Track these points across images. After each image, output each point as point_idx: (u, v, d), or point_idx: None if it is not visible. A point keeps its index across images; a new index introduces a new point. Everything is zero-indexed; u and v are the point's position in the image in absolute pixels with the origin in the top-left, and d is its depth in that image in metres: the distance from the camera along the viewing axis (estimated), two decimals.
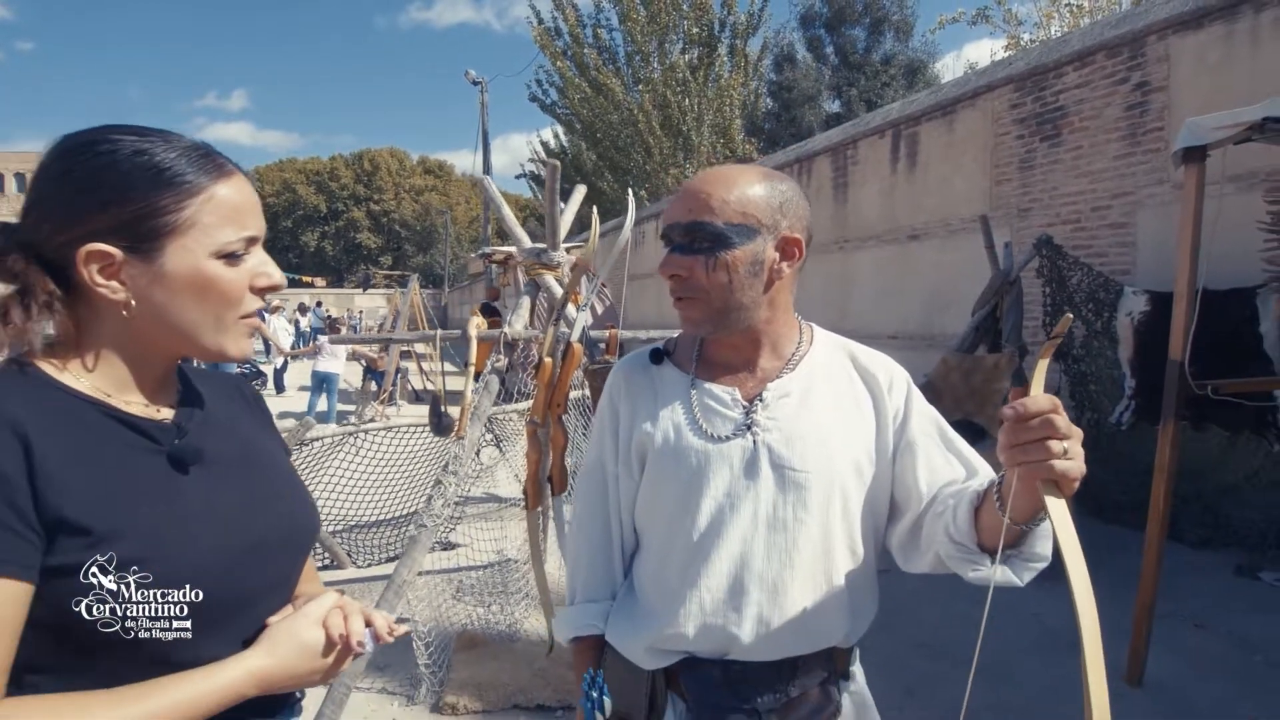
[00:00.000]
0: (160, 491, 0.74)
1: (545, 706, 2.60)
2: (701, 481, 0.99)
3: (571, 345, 2.51)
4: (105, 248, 0.71)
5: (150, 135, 0.75)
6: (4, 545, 0.63)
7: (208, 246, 0.74)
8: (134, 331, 0.75)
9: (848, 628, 1.02)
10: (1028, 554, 0.90)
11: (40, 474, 0.66)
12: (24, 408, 0.68)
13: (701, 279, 0.97)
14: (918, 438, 1.03)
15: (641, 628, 1.03)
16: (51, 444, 0.67)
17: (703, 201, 0.97)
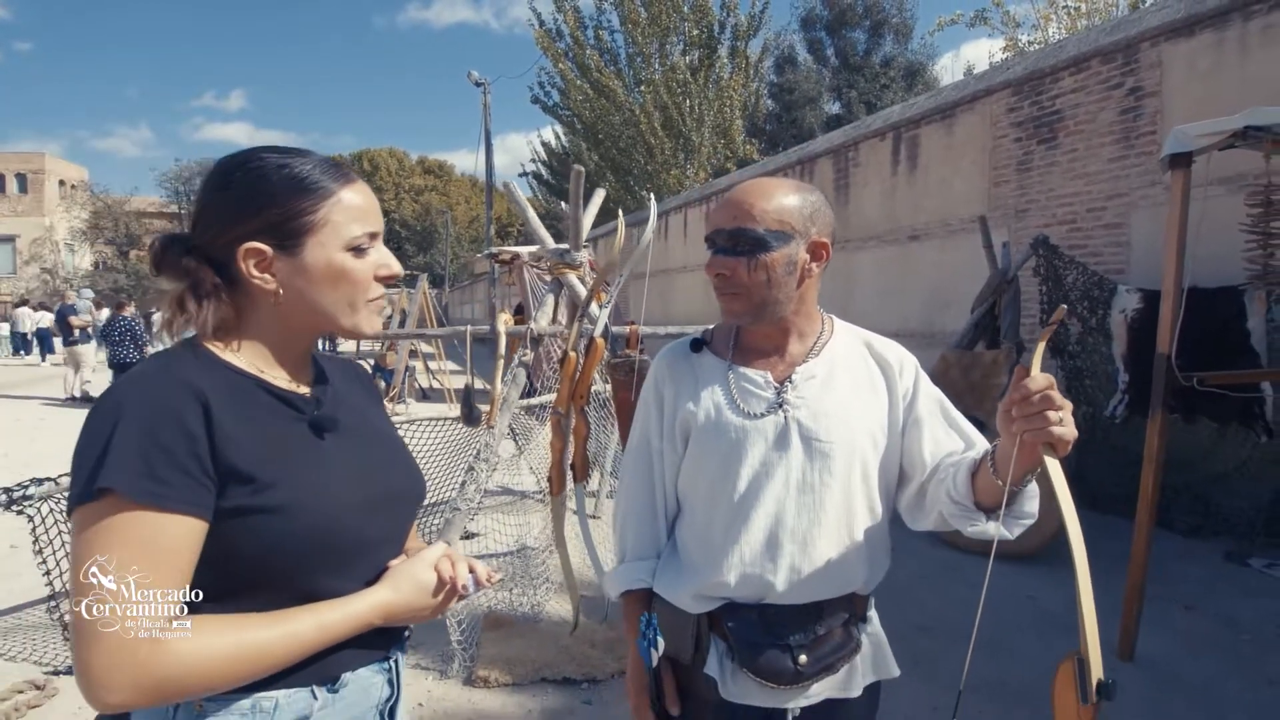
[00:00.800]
0: (306, 452, 0.88)
1: (571, 679, 2.77)
2: (740, 453, 1.16)
3: (594, 340, 2.68)
4: (259, 245, 0.86)
5: (290, 152, 0.90)
6: (192, 491, 0.77)
7: (339, 241, 0.88)
8: (282, 316, 0.90)
9: (866, 575, 1.18)
10: (1018, 512, 1.07)
11: (218, 433, 0.79)
12: (203, 377, 0.82)
13: (743, 277, 1.14)
14: (924, 415, 1.20)
15: (687, 579, 1.19)
16: (224, 409, 0.81)
17: (745, 210, 1.13)
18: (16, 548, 4.26)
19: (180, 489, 0.76)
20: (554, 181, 21.94)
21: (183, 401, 0.79)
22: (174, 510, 0.75)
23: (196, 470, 0.77)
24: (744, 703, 1.16)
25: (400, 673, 0.99)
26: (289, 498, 0.82)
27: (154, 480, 0.74)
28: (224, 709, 0.81)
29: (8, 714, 2.50)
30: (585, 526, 2.96)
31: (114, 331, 10.03)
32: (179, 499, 0.76)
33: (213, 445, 0.79)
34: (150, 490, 0.74)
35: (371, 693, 0.93)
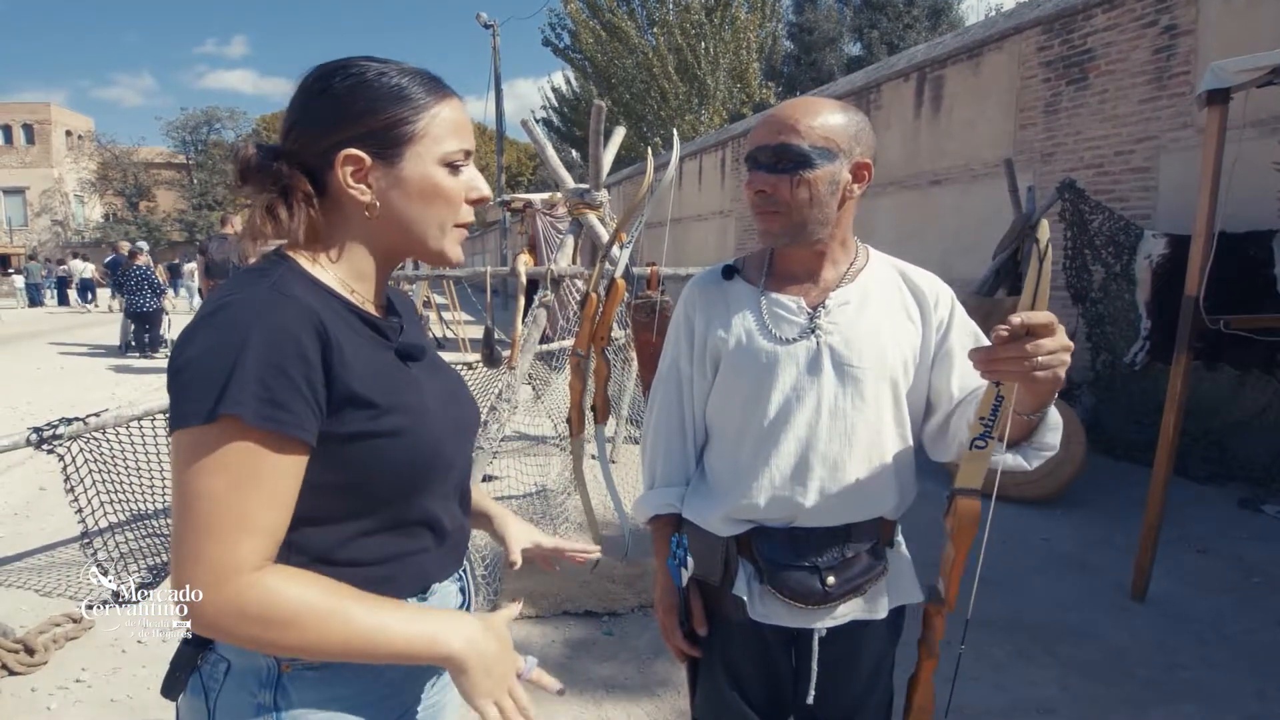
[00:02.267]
0: (405, 378, 0.87)
1: (592, 613, 2.84)
2: (771, 377, 1.16)
3: (615, 281, 2.66)
4: (358, 152, 0.82)
5: (388, 62, 0.87)
6: (305, 416, 0.75)
7: (436, 154, 0.85)
8: (373, 231, 0.86)
9: (895, 500, 1.19)
10: (1038, 443, 1.07)
11: (336, 358, 0.77)
12: (312, 301, 0.79)
13: (785, 195, 1.12)
14: (955, 347, 1.19)
15: (717, 502, 1.21)
16: (338, 334, 0.79)
17: (790, 125, 1.11)
18: (45, 489, 4.38)
19: (299, 415, 0.74)
20: (565, 129, 21.58)
21: (303, 328, 0.76)
22: (293, 436, 0.74)
23: (313, 399, 0.76)
24: (771, 623, 1.19)
25: (469, 580, 1.02)
26: (402, 423, 0.82)
27: (276, 407, 0.72)
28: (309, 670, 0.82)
29: (46, 645, 2.60)
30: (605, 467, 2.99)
31: (130, 280, 10.10)
32: (297, 425, 0.74)
33: (329, 372, 0.77)
34: (272, 417, 0.72)
35: (449, 601, 0.94)
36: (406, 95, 0.84)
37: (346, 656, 0.76)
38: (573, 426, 2.72)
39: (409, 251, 0.91)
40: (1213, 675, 2.55)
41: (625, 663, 2.56)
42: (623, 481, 4.10)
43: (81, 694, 2.44)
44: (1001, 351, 0.89)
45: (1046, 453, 1.09)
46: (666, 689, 2.43)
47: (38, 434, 2.70)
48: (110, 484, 3.03)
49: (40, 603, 3.01)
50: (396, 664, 0.84)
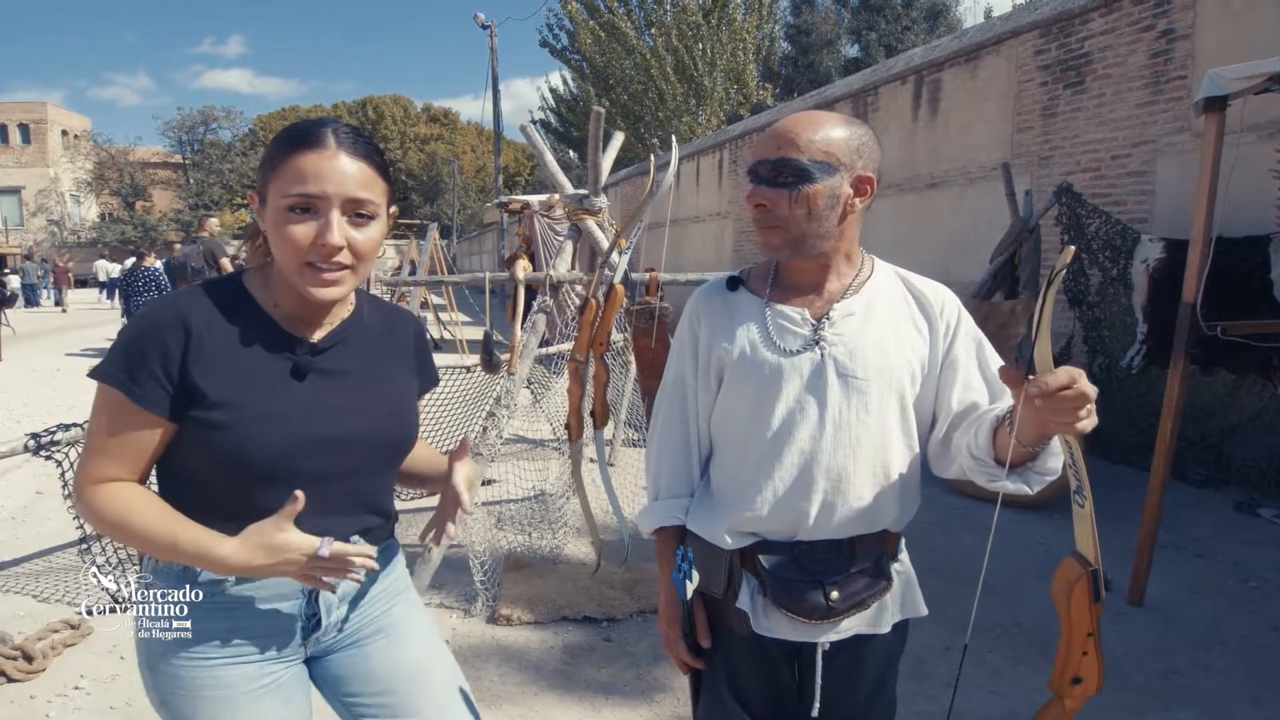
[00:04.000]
0: (276, 386, 1.02)
1: (591, 618, 2.84)
2: (775, 389, 1.16)
3: (614, 287, 2.66)
4: (252, 192, 1.04)
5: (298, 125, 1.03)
6: (152, 389, 0.97)
7: (280, 198, 0.98)
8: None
9: (898, 513, 1.19)
10: (1040, 468, 1.06)
11: (192, 353, 0.97)
12: (202, 309, 1.00)
13: (784, 210, 1.12)
14: (960, 355, 1.19)
15: (721, 515, 1.21)
16: (212, 335, 0.98)
17: (790, 140, 1.11)
18: (43, 493, 4.36)
19: (144, 388, 0.96)
20: (563, 129, 21.56)
21: (167, 324, 0.97)
22: (137, 403, 0.96)
23: (162, 378, 0.96)
24: (775, 636, 1.18)
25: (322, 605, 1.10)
26: (236, 419, 0.98)
27: (129, 378, 0.96)
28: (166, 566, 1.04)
29: (44, 652, 2.59)
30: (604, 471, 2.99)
31: (137, 281, 10.12)
32: (139, 396, 0.96)
33: (184, 362, 0.97)
34: (122, 383, 0.96)
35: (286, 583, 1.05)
36: (273, 150, 1.00)
37: (153, 552, 1.01)
38: (571, 432, 2.72)
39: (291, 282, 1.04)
40: (1209, 681, 2.56)
41: (624, 668, 2.56)
42: (621, 485, 4.10)
43: (80, 701, 2.43)
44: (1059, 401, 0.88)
45: (1049, 477, 1.08)
46: (665, 695, 2.43)
47: (35, 440, 2.69)
48: None
49: (38, 608, 3.00)
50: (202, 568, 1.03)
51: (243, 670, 1.05)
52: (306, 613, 1.09)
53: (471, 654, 2.64)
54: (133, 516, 0.97)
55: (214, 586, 1.03)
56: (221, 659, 1.03)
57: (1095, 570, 1.01)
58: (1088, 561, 1.02)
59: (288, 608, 1.07)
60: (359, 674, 1.16)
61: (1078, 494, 1.02)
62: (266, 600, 1.06)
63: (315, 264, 0.98)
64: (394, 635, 1.19)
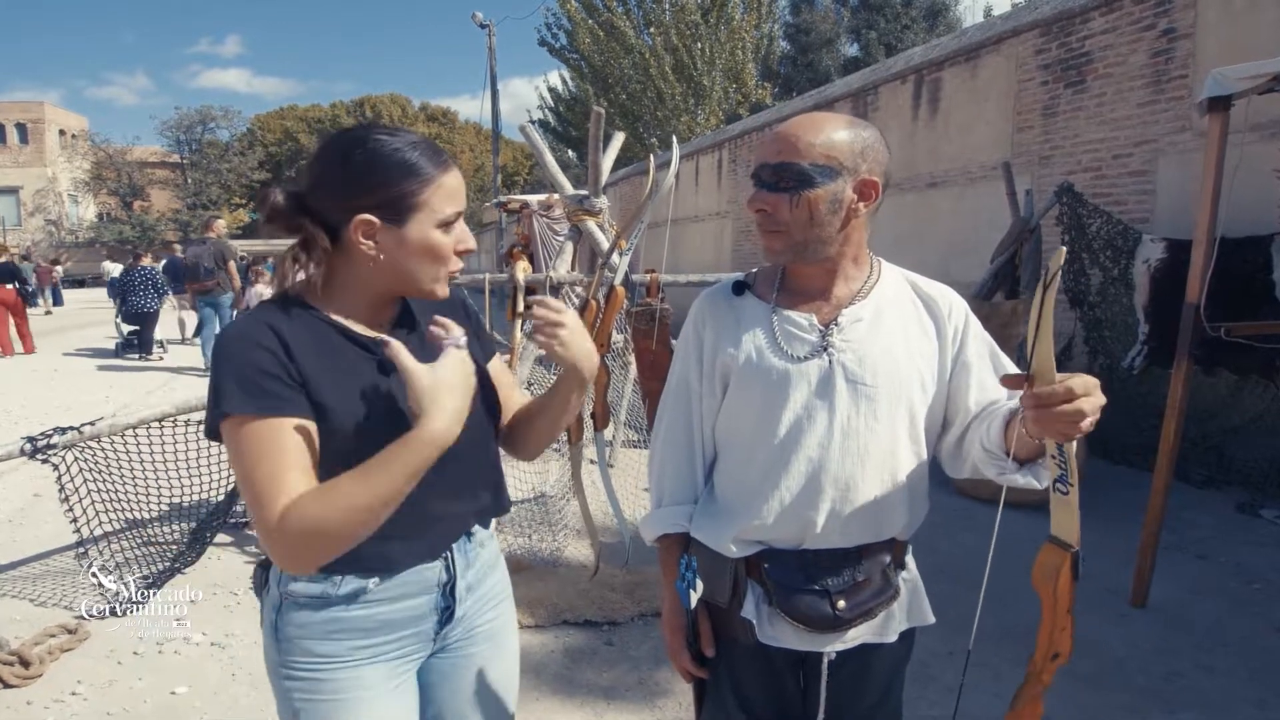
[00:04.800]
0: (367, 383, 1.03)
1: (591, 622, 2.82)
2: (782, 396, 1.14)
3: (615, 288, 2.65)
4: (370, 218, 0.99)
5: (398, 134, 1.03)
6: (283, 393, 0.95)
7: (435, 219, 1.02)
8: (374, 276, 1.04)
9: (906, 520, 1.18)
10: (1048, 462, 1.05)
11: (295, 359, 0.97)
12: (285, 321, 1.00)
13: (785, 214, 1.10)
14: (972, 359, 1.18)
15: (726, 523, 1.19)
16: (299, 343, 0.98)
17: (791, 144, 1.09)
18: (40, 496, 4.34)
19: (279, 397, 0.94)
20: (561, 129, 21.52)
21: (258, 331, 0.97)
22: (281, 414, 0.93)
23: (287, 378, 0.95)
24: (780, 646, 1.17)
25: (457, 558, 1.13)
26: (349, 424, 0.99)
27: (257, 397, 0.93)
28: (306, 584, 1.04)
29: (41, 657, 2.58)
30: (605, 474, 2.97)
31: (134, 280, 10.10)
32: (278, 407, 0.93)
33: (291, 356, 0.96)
34: (255, 406, 0.93)
35: (427, 574, 1.09)
36: (413, 171, 1.01)
37: (385, 507, 0.92)
38: (571, 434, 2.70)
39: (404, 292, 1.07)
40: (1212, 683, 2.55)
41: (626, 672, 2.55)
42: (621, 487, 4.08)
43: (78, 707, 2.42)
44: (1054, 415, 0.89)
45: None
46: (667, 699, 2.42)
47: (32, 444, 2.68)
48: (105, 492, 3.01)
49: (34, 613, 2.98)
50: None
51: (381, 670, 1.07)
52: (441, 605, 1.11)
53: None
54: (342, 490, 0.91)
55: (354, 596, 1.04)
56: (363, 659, 1.05)
57: (1077, 552, 1.04)
58: (1068, 544, 1.04)
59: (427, 601, 1.10)
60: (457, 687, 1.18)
61: (1060, 482, 1.03)
62: (407, 595, 1.07)
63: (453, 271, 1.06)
64: (497, 643, 1.22)
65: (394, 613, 1.07)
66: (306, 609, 1.04)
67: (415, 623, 1.09)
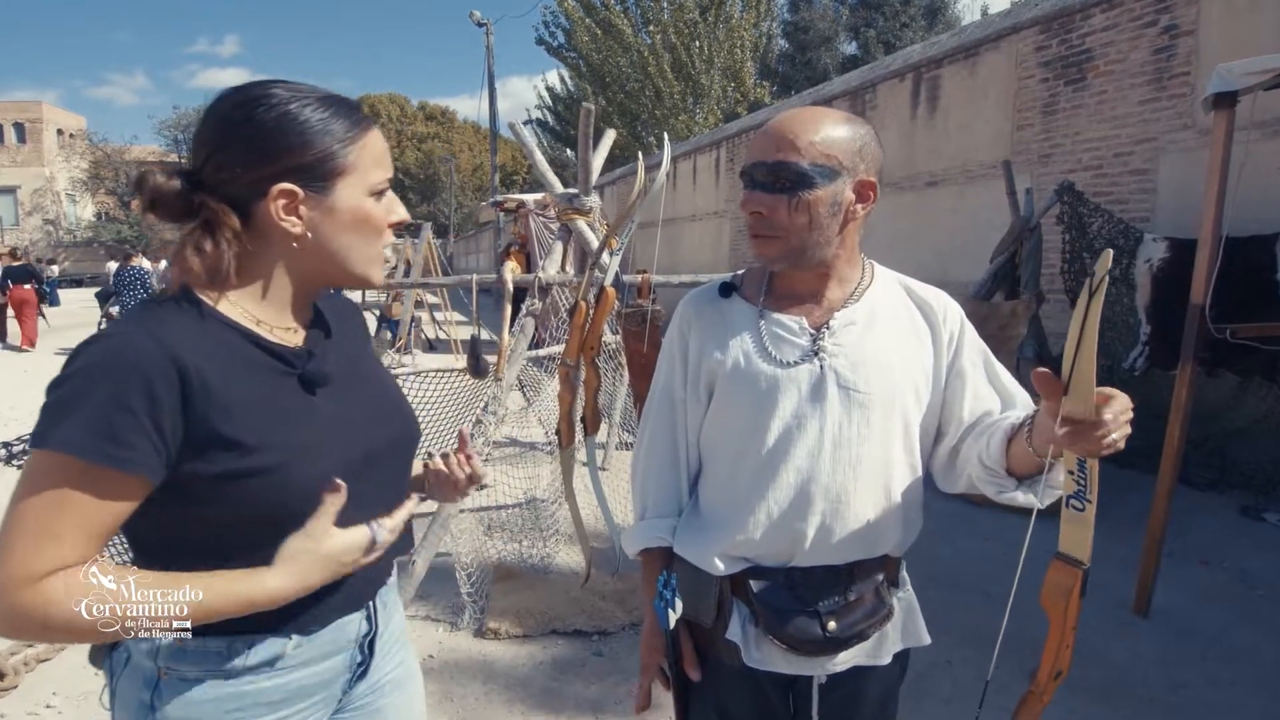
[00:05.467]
0: (298, 410, 0.86)
1: (581, 631, 2.76)
2: (771, 404, 1.07)
3: (605, 289, 2.58)
4: (291, 186, 0.83)
5: (302, 89, 0.86)
6: (151, 456, 0.75)
7: (365, 185, 0.87)
8: (296, 262, 0.87)
9: (900, 536, 1.11)
10: (1052, 481, 1.00)
11: (197, 399, 0.76)
12: (188, 340, 0.78)
13: (783, 218, 1.03)
14: (967, 366, 1.11)
15: (711, 538, 1.13)
16: (210, 371, 0.78)
17: (789, 141, 1.02)
18: None
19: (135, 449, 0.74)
20: (559, 128, 21.46)
21: (157, 370, 0.75)
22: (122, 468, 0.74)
23: (156, 438, 0.75)
24: (768, 669, 1.11)
25: (379, 609, 0.99)
26: (280, 459, 0.81)
27: (107, 439, 0.73)
28: (203, 646, 0.83)
29: (16, 668, 2.51)
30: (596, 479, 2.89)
31: (123, 280, 10.06)
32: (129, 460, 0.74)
33: (189, 412, 0.76)
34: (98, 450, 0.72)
35: (348, 629, 0.94)
36: (335, 128, 0.85)
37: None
38: (562, 438, 2.63)
39: (334, 278, 0.91)
40: (1217, 694, 2.48)
41: (615, 684, 2.48)
42: (615, 491, 4.02)
43: (53, 719, 2.35)
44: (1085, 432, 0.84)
45: (1059, 490, 1.01)
46: (658, 714, 2.34)
47: (6, 449, 2.61)
48: None
49: None
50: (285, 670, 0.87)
51: None
52: (357, 661, 0.97)
53: (456, 669, 2.55)
54: (118, 593, 0.75)
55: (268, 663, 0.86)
56: None
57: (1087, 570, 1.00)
58: (1078, 562, 1.00)
59: (343, 660, 0.94)
60: None
61: (1076, 498, 0.98)
62: (327, 654, 0.92)
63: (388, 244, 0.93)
64: (405, 691, 1.06)
65: (309, 677, 0.90)
66: (200, 685, 0.84)
67: (327, 685, 0.93)
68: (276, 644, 0.86)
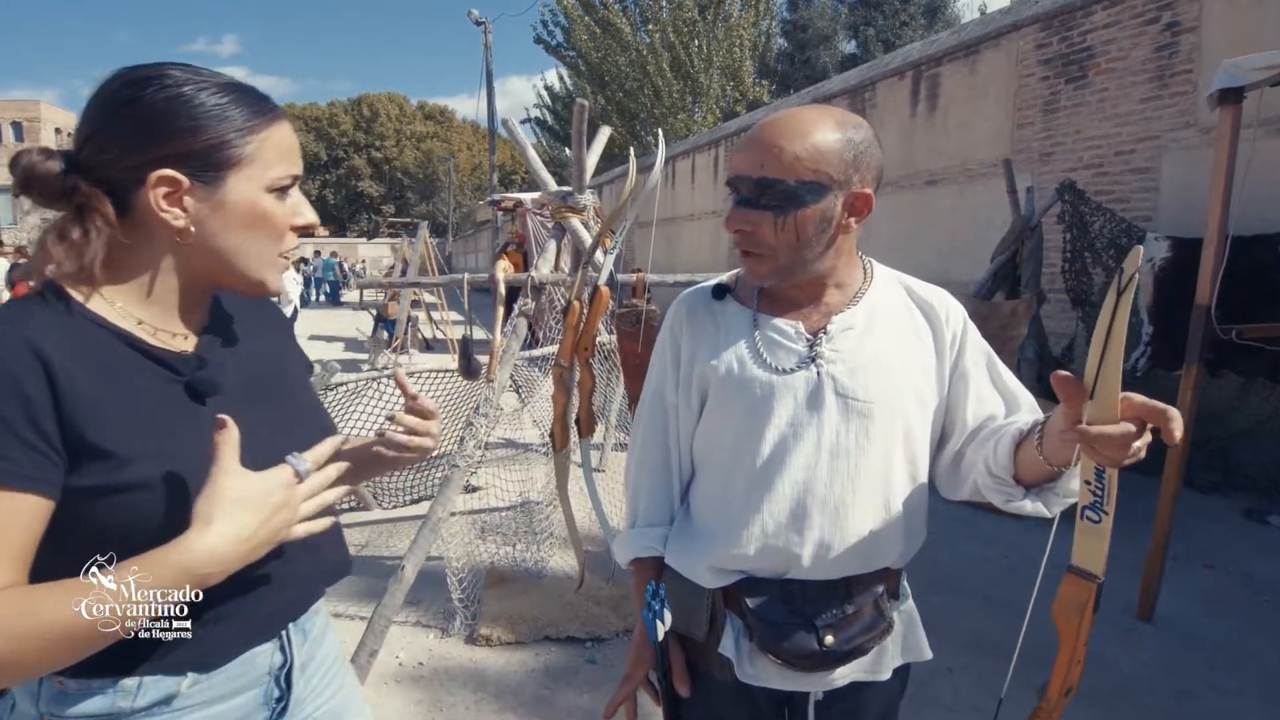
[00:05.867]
0: (180, 419, 0.77)
1: (575, 638, 2.70)
2: (765, 412, 1.02)
3: (599, 289, 2.52)
4: (174, 174, 0.75)
5: (208, 74, 0.79)
6: (34, 464, 0.67)
7: (263, 180, 0.79)
8: (182, 259, 0.79)
9: (901, 549, 1.06)
10: (1062, 490, 0.96)
11: (66, 401, 0.69)
12: (52, 335, 0.70)
13: (769, 237, 0.98)
14: (970, 368, 1.06)
15: (703, 549, 1.07)
16: (78, 371, 0.70)
17: (774, 155, 0.95)
18: None
19: (19, 461, 0.66)
20: (558, 127, 21.41)
21: (19, 363, 0.67)
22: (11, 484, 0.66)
23: (40, 441, 0.67)
24: (762, 685, 1.05)
25: (294, 638, 0.90)
26: (154, 472, 0.73)
27: None
28: (85, 688, 0.75)
29: None
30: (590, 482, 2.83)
31: None
32: (16, 473, 0.66)
33: (60, 415, 0.69)
34: None
35: (257, 662, 0.85)
36: (233, 115, 0.77)
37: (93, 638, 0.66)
38: (556, 441, 2.58)
39: (223, 280, 0.82)
40: (1223, 703, 2.43)
41: (608, 693, 2.41)
42: (610, 493, 3.96)
43: None
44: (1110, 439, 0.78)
45: (1071, 499, 0.97)
46: None
47: None
48: None
49: None
50: None
51: None
52: (274, 697, 0.88)
53: (446, 678, 2.50)
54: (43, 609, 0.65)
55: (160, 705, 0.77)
56: None
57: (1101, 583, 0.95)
58: (1092, 575, 0.94)
59: (254, 696, 0.85)
60: None
61: (1092, 509, 0.93)
62: (232, 693, 0.83)
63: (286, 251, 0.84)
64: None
65: (213, 718, 0.81)
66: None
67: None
68: (169, 682, 0.77)
